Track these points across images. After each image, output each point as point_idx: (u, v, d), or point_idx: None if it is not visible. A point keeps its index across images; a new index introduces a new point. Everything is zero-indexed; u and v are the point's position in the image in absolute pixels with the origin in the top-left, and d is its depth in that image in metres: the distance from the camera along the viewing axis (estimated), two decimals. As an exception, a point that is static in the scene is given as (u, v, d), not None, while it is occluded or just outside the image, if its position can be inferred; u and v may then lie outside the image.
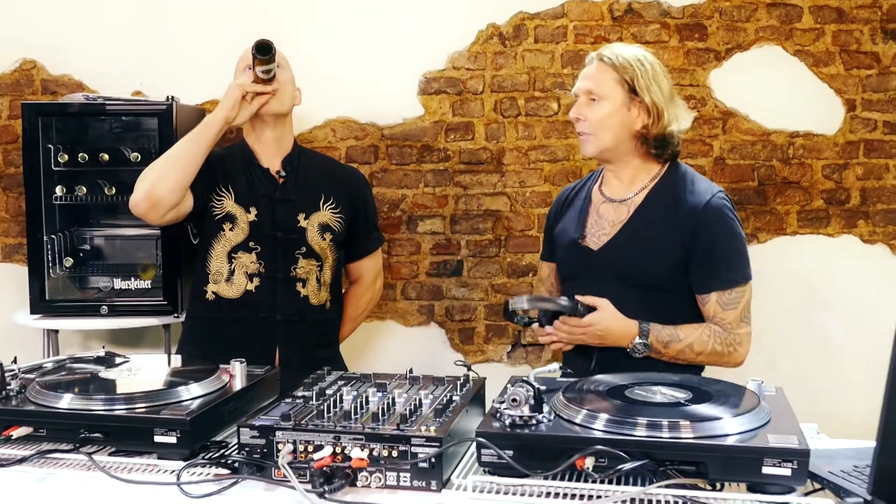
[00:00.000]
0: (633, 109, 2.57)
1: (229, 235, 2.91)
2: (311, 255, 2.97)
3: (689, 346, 2.53)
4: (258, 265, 2.91)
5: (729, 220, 2.57)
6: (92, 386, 2.15)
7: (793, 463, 1.68)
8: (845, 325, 4.14)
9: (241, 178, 2.95)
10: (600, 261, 2.63)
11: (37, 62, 4.22)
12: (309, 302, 2.98)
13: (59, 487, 1.90)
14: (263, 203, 2.93)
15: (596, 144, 2.61)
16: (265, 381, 2.31)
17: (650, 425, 1.78)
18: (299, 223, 2.95)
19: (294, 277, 2.95)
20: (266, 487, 1.87)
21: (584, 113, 2.61)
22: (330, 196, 3.01)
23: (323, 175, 3.06)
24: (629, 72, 2.56)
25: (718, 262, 2.55)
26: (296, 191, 2.98)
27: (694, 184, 2.62)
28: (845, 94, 4.12)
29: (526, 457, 1.79)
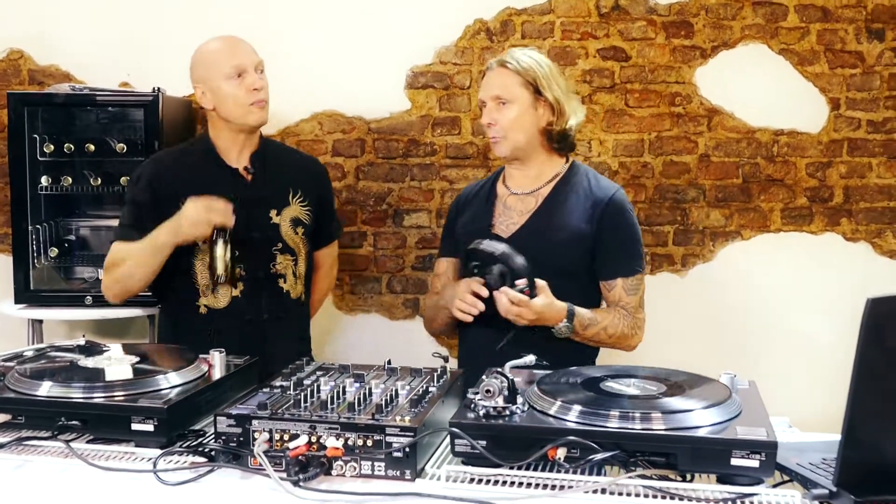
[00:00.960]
0: (539, 108, 2.72)
1: (205, 248, 2.85)
2: (286, 250, 2.96)
3: (604, 329, 2.68)
4: (239, 269, 2.88)
5: (631, 213, 2.78)
6: (71, 374, 2.16)
7: (761, 455, 1.70)
8: (827, 323, 4.16)
9: (205, 183, 2.86)
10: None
11: (24, 52, 4.22)
12: (290, 297, 2.99)
13: (36, 474, 1.91)
14: (234, 206, 2.82)
15: (508, 146, 2.74)
16: (244, 371, 2.32)
17: (622, 417, 1.80)
18: (272, 220, 2.94)
19: (274, 274, 2.94)
20: (242, 476, 1.88)
21: (495, 117, 2.73)
22: (298, 189, 3.00)
23: (289, 168, 3.05)
24: (531, 74, 2.70)
25: (624, 250, 2.74)
26: (265, 187, 2.95)
27: (598, 179, 2.82)
28: (830, 93, 4.14)
29: (499, 447, 1.81)
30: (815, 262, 4.20)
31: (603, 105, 4.15)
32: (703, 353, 4.02)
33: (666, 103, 4.14)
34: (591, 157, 4.14)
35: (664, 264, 4.21)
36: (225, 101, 2.86)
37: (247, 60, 2.88)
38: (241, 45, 2.93)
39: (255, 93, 2.86)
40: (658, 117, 4.15)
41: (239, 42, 2.93)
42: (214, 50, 2.90)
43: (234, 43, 2.92)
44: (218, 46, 2.90)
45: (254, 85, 2.85)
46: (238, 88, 2.84)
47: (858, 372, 1.63)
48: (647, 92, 4.14)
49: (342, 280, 4.26)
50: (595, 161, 4.14)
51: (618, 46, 4.13)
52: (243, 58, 2.88)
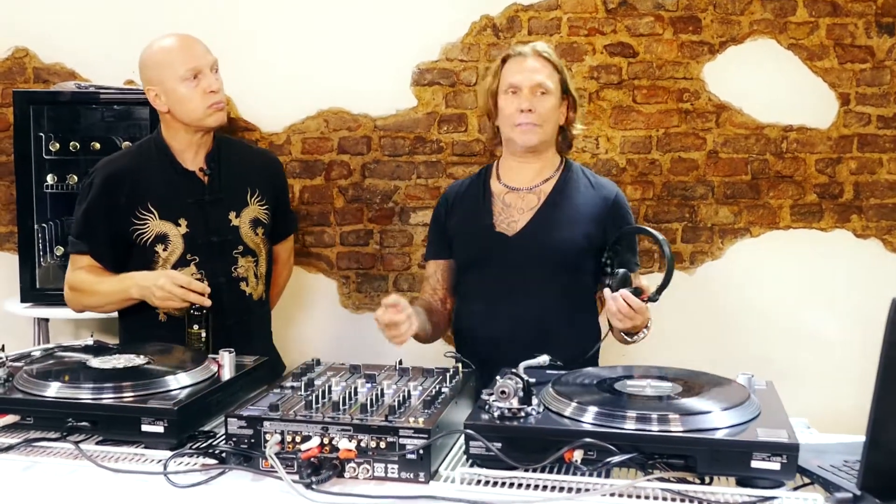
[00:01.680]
0: (562, 105, 2.75)
1: (165, 256, 2.78)
2: (247, 252, 2.87)
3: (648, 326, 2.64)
4: (199, 276, 2.76)
5: (631, 213, 2.84)
6: (79, 374, 2.14)
7: (782, 457, 1.68)
8: (838, 320, 4.13)
9: (160, 187, 2.79)
10: (516, 245, 2.69)
11: (29, 50, 4.19)
12: (252, 298, 2.91)
13: (45, 476, 1.90)
14: (192, 210, 2.80)
15: (541, 135, 2.71)
16: (254, 371, 2.30)
17: (640, 419, 1.78)
18: (231, 222, 2.85)
19: (236, 278, 2.86)
20: (253, 478, 1.86)
21: (534, 104, 2.68)
22: (255, 188, 2.91)
23: (245, 167, 2.94)
24: (562, 70, 2.75)
25: (630, 247, 2.76)
26: (223, 188, 2.85)
27: (595, 177, 2.85)
28: (839, 88, 4.11)
29: (514, 449, 1.79)
30: (824, 260, 4.17)
31: (610, 101, 4.12)
32: (711, 350, 3.99)
33: (674, 99, 4.11)
34: (598, 154, 4.11)
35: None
36: (181, 105, 2.75)
37: (202, 61, 2.76)
38: (195, 44, 2.81)
39: (211, 95, 2.75)
40: (666, 113, 4.12)
41: (192, 41, 2.81)
42: (167, 50, 2.77)
43: (188, 43, 2.79)
44: (170, 47, 2.77)
45: (210, 87, 2.74)
46: (194, 91, 2.73)
47: (883, 374, 1.60)
48: (655, 88, 4.11)
49: (348, 278, 4.24)
50: (602, 158, 4.11)
51: (625, 42, 4.09)
52: (199, 59, 2.76)
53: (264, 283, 2.99)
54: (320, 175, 4.20)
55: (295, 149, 4.19)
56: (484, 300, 2.74)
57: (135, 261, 2.79)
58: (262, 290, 2.98)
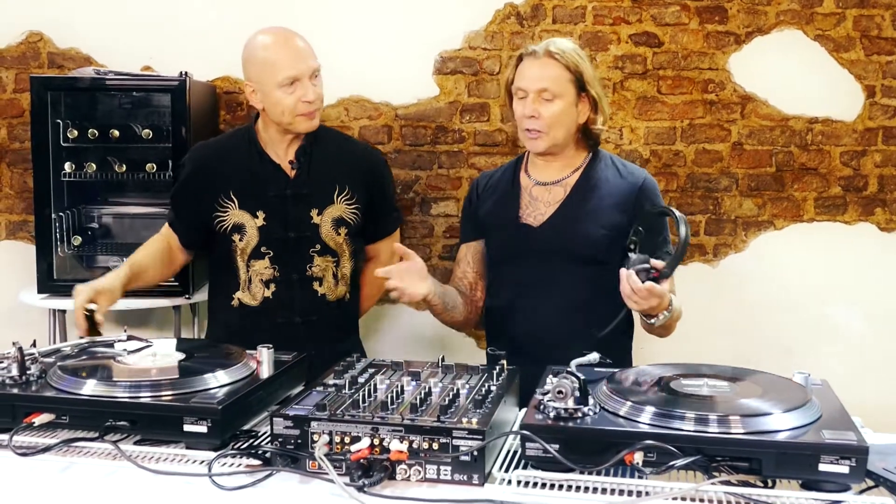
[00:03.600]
0: (580, 105, 2.63)
1: (240, 245, 2.80)
2: (326, 251, 2.84)
3: (677, 312, 2.56)
4: (272, 270, 2.80)
5: (660, 196, 2.76)
6: (115, 371, 2.09)
7: (851, 460, 1.63)
8: (861, 314, 4.10)
9: (245, 177, 2.81)
10: (541, 237, 2.66)
11: (44, 35, 4.13)
12: (326, 299, 2.86)
13: (83, 477, 1.85)
14: (272, 203, 2.80)
15: (548, 141, 2.64)
16: (293, 369, 2.24)
17: (699, 420, 1.73)
18: (312, 220, 2.82)
19: (310, 277, 2.83)
20: (300, 480, 1.81)
21: (538, 110, 2.60)
22: (345, 186, 2.86)
23: (338, 163, 2.89)
24: (578, 69, 2.61)
25: (660, 232, 2.67)
26: (309, 184, 2.83)
27: (624, 165, 2.76)
28: (865, 80, 4.06)
29: (571, 450, 1.74)
30: (848, 253, 4.13)
31: (635, 92, 4.06)
32: (733, 343, 3.97)
33: (699, 90, 4.06)
34: (622, 145, 4.06)
35: (696, 254, 4.13)
36: (274, 108, 2.74)
37: (304, 69, 2.72)
38: (300, 50, 2.76)
39: (306, 105, 2.72)
40: (691, 104, 4.07)
41: (297, 46, 2.76)
42: (272, 53, 2.73)
43: (293, 48, 2.75)
44: (276, 50, 2.73)
45: (306, 96, 2.71)
46: (290, 97, 2.70)
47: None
48: (680, 79, 4.06)
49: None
50: (626, 149, 4.05)
51: (650, 32, 4.04)
52: (300, 67, 2.71)
53: (348, 284, 2.93)
54: (340, 165, 4.15)
55: (314, 138, 4.13)
56: (512, 293, 2.70)
57: (217, 246, 2.86)
58: (345, 291, 2.92)
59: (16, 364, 2.06)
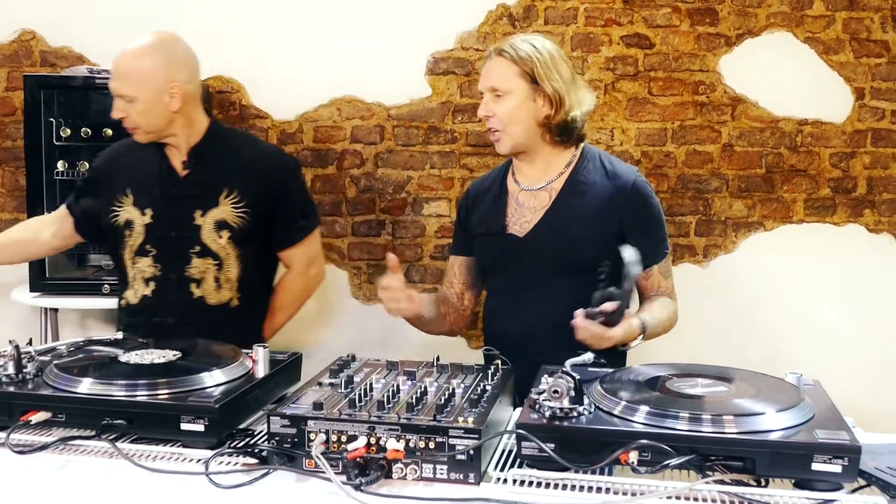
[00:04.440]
0: (538, 100, 2.55)
1: (129, 241, 2.81)
2: (206, 253, 2.80)
3: (664, 326, 2.60)
4: (154, 268, 2.79)
5: (653, 195, 2.67)
6: (112, 370, 2.09)
7: (843, 459, 1.64)
8: (851, 314, 4.13)
9: (142, 175, 2.84)
10: (527, 247, 2.61)
11: (36, 33, 4.13)
12: (205, 302, 2.82)
13: (80, 475, 1.84)
14: (160, 202, 2.80)
15: (508, 141, 2.60)
16: (288, 368, 2.25)
17: (693, 419, 1.75)
18: (195, 220, 2.79)
19: (188, 278, 2.80)
20: (297, 478, 1.82)
21: (492, 109, 2.58)
22: (233, 189, 2.80)
23: (232, 164, 2.85)
24: (528, 63, 2.54)
25: (655, 235, 2.64)
26: (196, 185, 2.81)
27: (613, 164, 2.67)
28: (854, 83, 4.09)
29: (567, 449, 1.75)
30: (837, 254, 4.16)
31: (626, 93, 4.08)
32: (723, 343, 3.97)
33: (689, 92, 4.08)
34: (613, 146, 4.08)
35: (686, 255, 4.16)
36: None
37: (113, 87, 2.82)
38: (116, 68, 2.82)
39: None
40: (681, 106, 4.09)
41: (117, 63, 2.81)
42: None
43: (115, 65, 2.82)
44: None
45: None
46: None
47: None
48: (671, 80, 4.08)
49: (360, 269, 4.20)
50: (617, 150, 4.07)
51: (642, 33, 4.06)
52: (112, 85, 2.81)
53: (235, 290, 2.86)
54: (332, 164, 4.16)
55: (307, 137, 4.15)
56: (502, 301, 2.70)
57: (109, 239, 2.90)
58: (230, 297, 2.85)
59: (12, 362, 2.06)
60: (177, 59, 2.78)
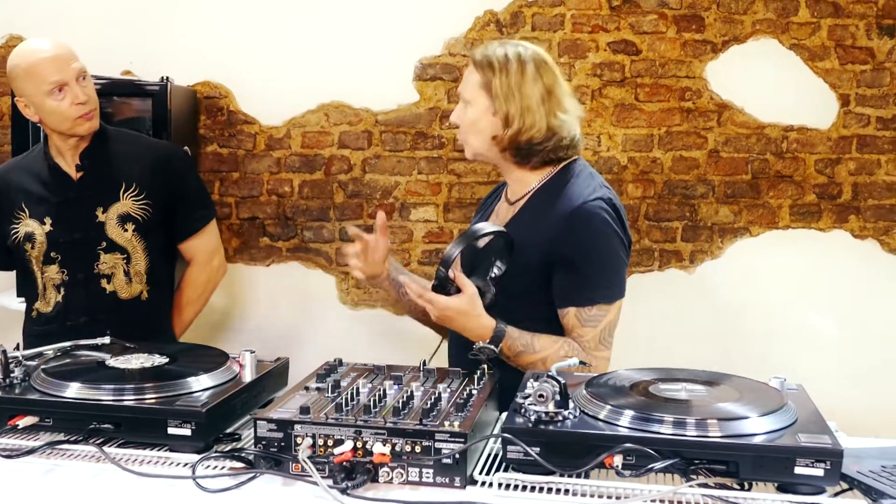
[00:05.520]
0: (497, 115, 2.41)
1: (33, 254, 2.86)
2: (113, 248, 2.85)
3: (543, 360, 2.34)
4: (62, 274, 2.85)
5: (599, 230, 2.36)
6: (100, 375, 2.10)
7: (825, 463, 1.66)
8: (836, 320, 4.15)
9: (34, 188, 2.87)
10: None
11: (24, 38, 4.11)
12: (118, 297, 2.88)
13: (67, 479, 1.85)
14: (58, 209, 2.84)
15: (468, 149, 2.53)
16: (275, 372, 2.26)
17: (677, 423, 1.76)
18: (97, 218, 2.85)
19: (98, 275, 2.85)
20: (284, 482, 1.82)
21: (459, 116, 2.52)
22: (132, 183, 2.87)
23: (126, 160, 2.91)
24: (489, 75, 2.40)
25: (579, 275, 2.37)
26: (93, 184, 2.86)
27: (573, 185, 2.42)
28: (839, 89, 4.11)
29: (552, 453, 1.76)
30: (822, 260, 4.18)
31: (613, 99, 4.10)
32: (709, 349, 4.00)
33: (676, 98, 4.10)
34: (600, 152, 4.10)
35: (672, 260, 4.17)
36: (50, 117, 2.79)
37: (68, 73, 2.74)
38: (60, 55, 2.76)
39: (79, 107, 2.76)
40: (668, 112, 4.11)
41: (57, 52, 2.76)
42: (32, 63, 2.74)
43: (53, 55, 2.75)
44: (36, 60, 2.74)
45: (77, 98, 2.75)
46: (62, 103, 2.74)
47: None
48: (658, 86, 4.10)
49: (347, 274, 4.20)
50: (604, 156, 4.09)
51: (628, 40, 4.08)
52: (64, 71, 2.74)
53: (144, 283, 2.93)
54: (320, 170, 4.17)
55: (295, 143, 4.15)
56: None
57: (14, 255, 2.93)
58: (140, 290, 2.93)
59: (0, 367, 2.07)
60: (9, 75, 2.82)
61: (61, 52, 2.77)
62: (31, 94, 2.76)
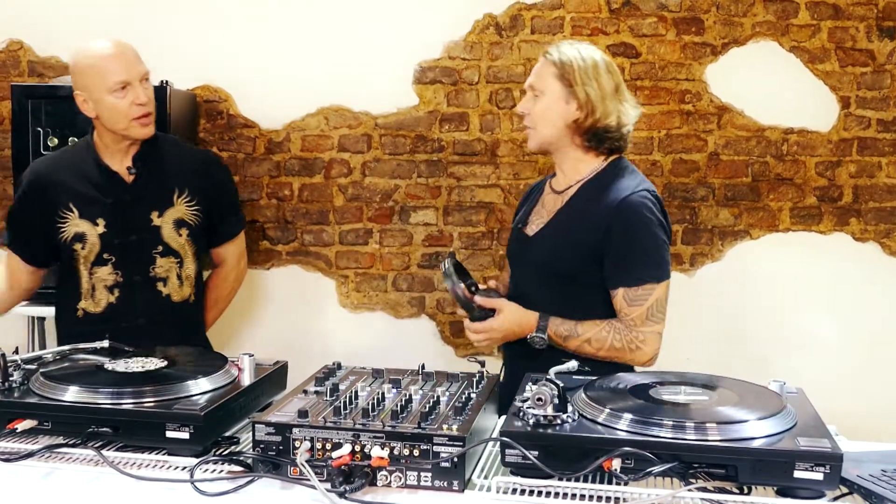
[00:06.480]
0: (572, 103, 2.60)
1: (83, 254, 2.83)
2: (168, 252, 2.87)
3: (588, 342, 2.52)
4: (115, 275, 2.84)
5: (645, 217, 2.54)
6: (98, 378, 2.09)
7: (825, 467, 1.66)
8: (836, 323, 4.14)
9: (83, 187, 2.85)
10: (531, 247, 2.69)
11: (24, 43, 4.13)
12: (171, 300, 2.91)
13: (65, 483, 1.86)
14: (112, 210, 2.83)
15: (537, 137, 2.67)
16: (274, 376, 2.26)
17: (676, 426, 1.76)
18: (153, 222, 2.86)
19: (154, 278, 2.87)
20: (282, 486, 1.83)
21: (528, 107, 2.67)
22: (184, 189, 2.90)
23: (177, 166, 2.94)
24: (566, 67, 2.60)
25: (627, 258, 2.54)
26: (148, 188, 2.87)
27: (622, 179, 2.62)
28: (840, 92, 4.11)
29: (550, 457, 1.76)
30: (823, 262, 4.17)
31: (613, 102, 4.09)
32: (711, 352, 4.00)
33: (676, 101, 4.10)
34: (600, 155, 4.09)
35: (673, 263, 4.13)
36: (108, 114, 2.78)
37: (133, 73, 2.76)
38: (127, 55, 2.79)
39: (139, 107, 2.76)
40: (668, 115, 4.10)
41: (124, 51, 2.79)
42: (98, 59, 2.76)
43: (119, 53, 2.77)
44: (102, 56, 2.76)
45: (138, 99, 2.75)
46: (122, 101, 2.75)
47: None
48: (657, 89, 4.10)
49: (347, 278, 4.20)
50: (604, 158, 4.09)
51: (628, 43, 4.08)
52: (130, 71, 2.75)
53: (193, 286, 2.96)
54: (320, 173, 4.16)
55: (294, 146, 4.15)
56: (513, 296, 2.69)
57: (60, 258, 2.90)
58: (189, 293, 2.96)
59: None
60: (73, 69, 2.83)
61: (128, 52, 2.80)
62: (93, 89, 2.76)
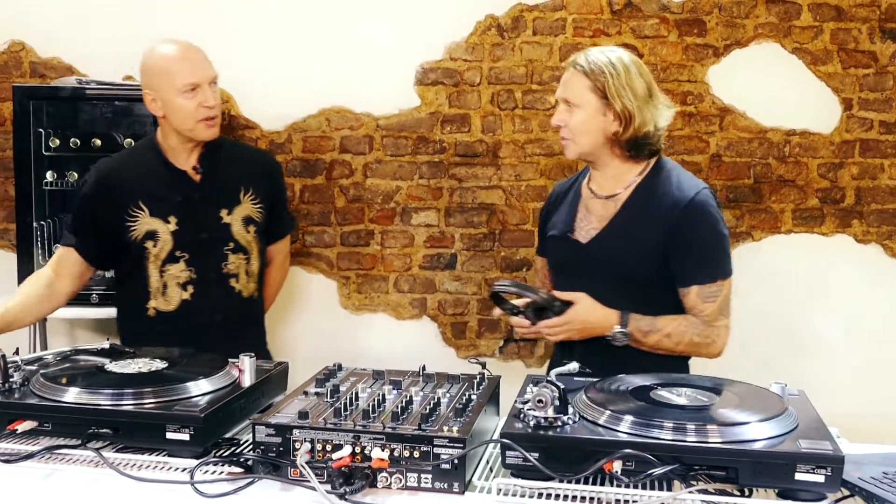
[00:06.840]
0: (609, 114, 2.58)
1: (154, 252, 2.84)
2: (238, 249, 2.91)
3: (668, 336, 2.55)
4: (189, 272, 2.85)
5: (711, 216, 2.59)
6: (98, 379, 2.09)
7: (826, 469, 1.66)
8: (838, 325, 4.13)
9: (152, 185, 2.87)
10: (588, 254, 2.66)
11: (26, 44, 4.12)
12: (242, 296, 2.95)
13: (66, 484, 1.86)
14: (182, 208, 2.85)
15: (575, 149, 2.66)
16: (274, 377, 2.26)
17: (677, 428, 1.75)
18: (223, 219, 2.89)
19: (227, 274, 2.90)
20: (282, 487, 1.83)
21: (564, 119, 2.64)
22: (250, 187, 2.95)
23: (240, 166, 2.99)
24: (600, 79, 2.56)
25: (700, 256, 2.58)
26: (215, 186, 2.90)
27: (680, 180, 2.64)
28: (842, 93, 4.10)
29: (551, 459, 1.75)
30: (825, 264, 4.16)
31: (615, 103, 4.09)
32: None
33: (678, 102, 4.09)
34: (602, 156, 4.09)
35: (674, 265, 4.16)
36: (176, 114, 2.80)
37: (203, 76, 2.80)
38: (198, 57, 2.83)
39: (206, 109, 2.79)
40: (670, 116, 4.10)
41: (195, 54, 2.83)
42: (170, 61, 2.80)
43: (191, 56, 2.82)
44: (174, 57, 2.80)
45: (206, 102, 2.79)
46: (190, 103, 2.78)
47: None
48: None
49: (348, 279, 4.20)
50: (606, 160, 4.08)
51: (630, 44, 4.07)
52: (200, 74, 2.79)
53: (256, 281, 3.01)
54: (321, 174, 4.16)
55: (296, 147, 4.15)
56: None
57: (127, 257, 2.88)
58: (254, 288, 3.01)
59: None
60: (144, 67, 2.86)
61: (199, 55, 2.84)
62: (162, 89, 2.79)
